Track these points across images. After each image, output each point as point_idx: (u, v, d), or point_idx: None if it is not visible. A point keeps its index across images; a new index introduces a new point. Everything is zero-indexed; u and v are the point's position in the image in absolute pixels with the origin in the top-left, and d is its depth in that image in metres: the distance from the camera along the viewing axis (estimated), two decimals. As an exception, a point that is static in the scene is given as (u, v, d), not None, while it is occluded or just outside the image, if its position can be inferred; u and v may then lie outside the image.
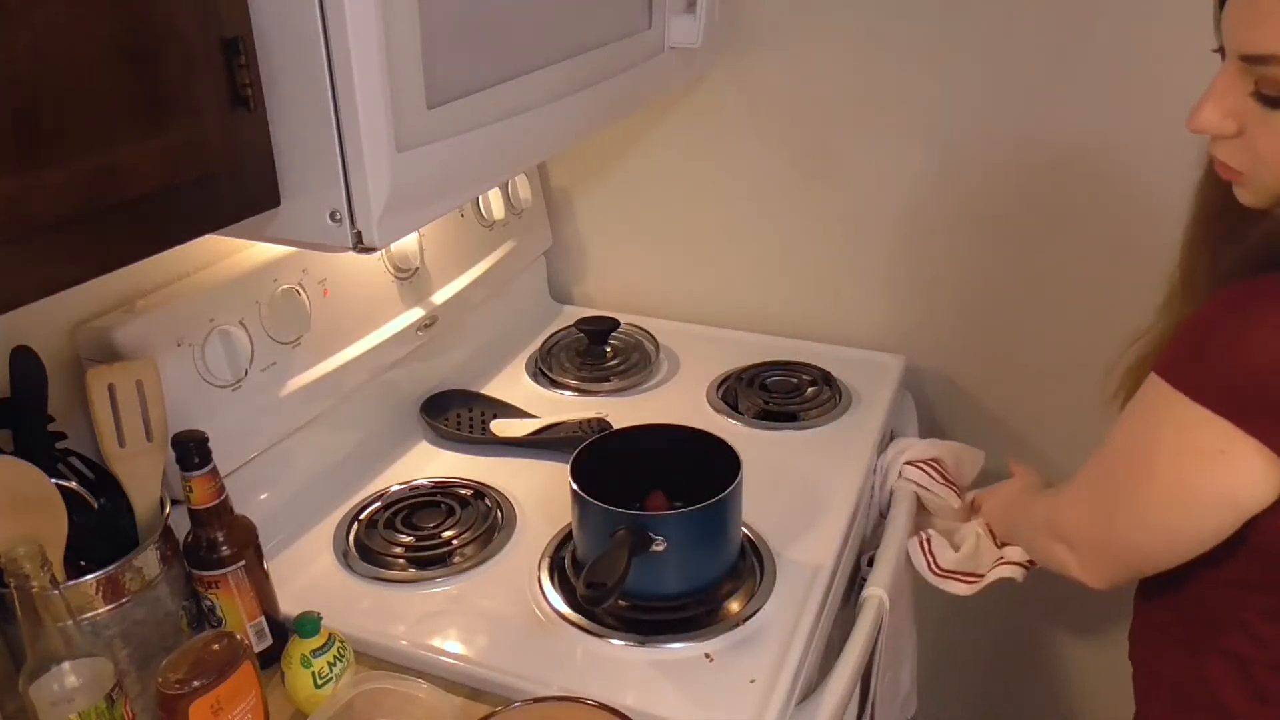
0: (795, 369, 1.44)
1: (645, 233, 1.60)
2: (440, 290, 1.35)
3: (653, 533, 0.95)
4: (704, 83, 1.44)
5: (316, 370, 1.14)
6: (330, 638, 0.89)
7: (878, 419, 1.33)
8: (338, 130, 0.71)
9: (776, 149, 1.46)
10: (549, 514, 1.15)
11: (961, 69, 1.30)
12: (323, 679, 0.87)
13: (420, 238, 1.30)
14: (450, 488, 1.19)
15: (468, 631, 0.98)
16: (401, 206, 0.77)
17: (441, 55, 0.77)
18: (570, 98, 0.97)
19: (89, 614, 0.81)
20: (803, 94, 1.40)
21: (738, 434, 1.26)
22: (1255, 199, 0.76)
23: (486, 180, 1.05)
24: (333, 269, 1.16)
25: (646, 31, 1.13)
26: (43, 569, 0.72)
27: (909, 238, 1.43)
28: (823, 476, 1.21)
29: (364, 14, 0.68)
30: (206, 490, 0.88)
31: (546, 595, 1.02)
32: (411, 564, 1.07)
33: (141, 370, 0.88)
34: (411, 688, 0.85)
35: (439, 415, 1.32)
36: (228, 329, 1.03)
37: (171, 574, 0.87)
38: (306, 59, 0.68)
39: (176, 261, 1.04)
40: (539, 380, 1.46)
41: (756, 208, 1.50)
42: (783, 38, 1.38)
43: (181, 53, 0.63)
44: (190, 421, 0.92)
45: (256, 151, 0.71)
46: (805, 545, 1.08)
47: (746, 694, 0.90)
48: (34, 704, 0.74)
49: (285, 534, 1.11)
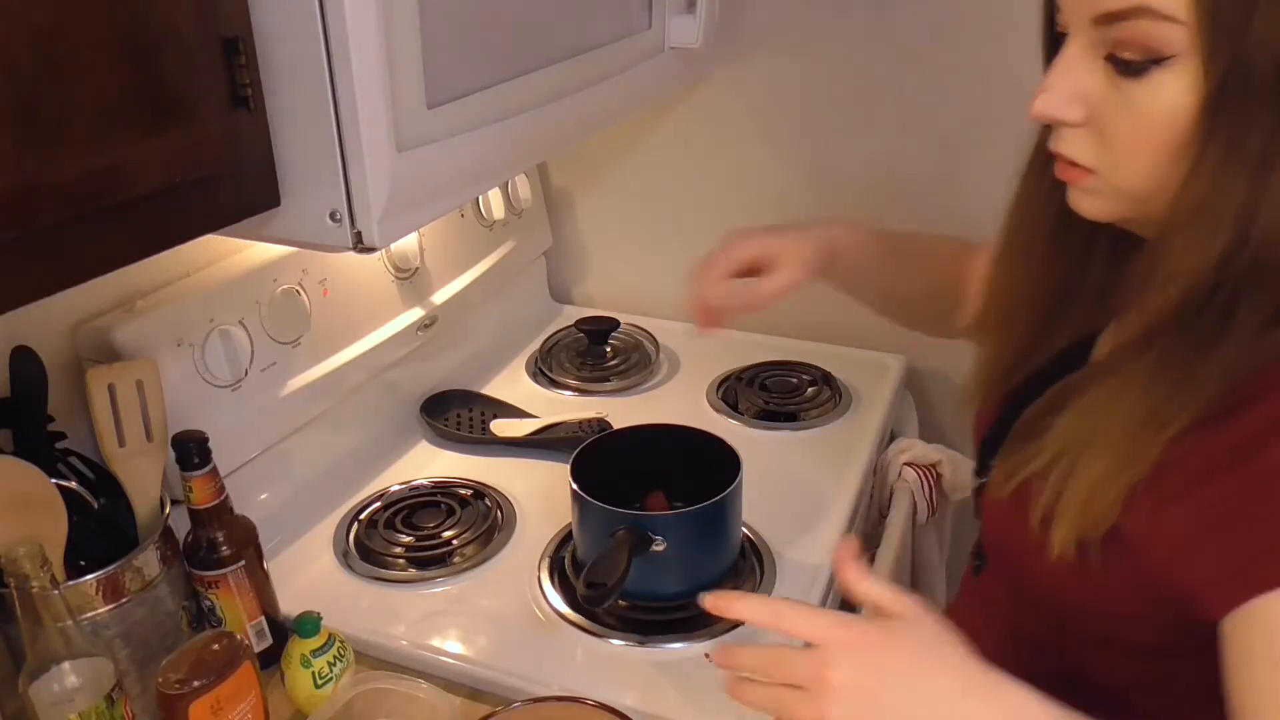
0: (795, 369, 1.44)
1: (645, 233, 1.60)
2: (440, 290, 1.35)
3: (653, 533, 0.95)
4: (704, 83, 1.44)
5: (316, 370, 1.14)
6: (330, 638, 0.89)
7: (878, 419, 1.33)
8: (338, 130, 0.71)
9: (776, 149, 1.45)
10: (549, 514, 1.15)
11: (962, 68, 1.30)
12: (323, 679, 0.87)
13: (420, 238, 1.30)
14: (450, 488, 1.19)
15: (468, 631, 0.98)
16: (401, 206, 0.77)
17: (441, 55, 0.77)
18: (570, 98, 0.97)
19: (89, 614, 0.81)
20: (803, 94, 1.40)
21: (738, 434, 1.26)
22: (1099, 206, 0.64)
23: (486, 180, 1.05)
24: (333, 269, 1.16)
25: (646, 32, 1.13)
26: (43, 569, 0.72)
27: (909, 238, 1.43)
28: (823, 476, 1.21)
29: (364, 14, 0.68)
30: (206, 490, 0.88)
31: (546, 595, 1.02)
32: (411, 564, 1.07)
33: (141, 370, 0.88)
34: (411, 688, 0.85)
35: (439, 415, 1.32)
36: (228, 329, 1.03)
37: (171, 574, 0.87)
38: (306, 59, 0.68)
39: (176, 261, 1.04)
40: (539, 380, 1.46)
41: (756, 208, 1.50)
42: (783, 37, 1.38)
43: (181, 53, 0.63)
44: (190, 421, 0.92)
45: (256, 151, 0.71)
46: (805, 545, 1.08)
47: (746, 694, 0.90)
48: (34, 704, 0.74)
49: (285, 534, 1.11)
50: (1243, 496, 0.56)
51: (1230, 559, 0.56)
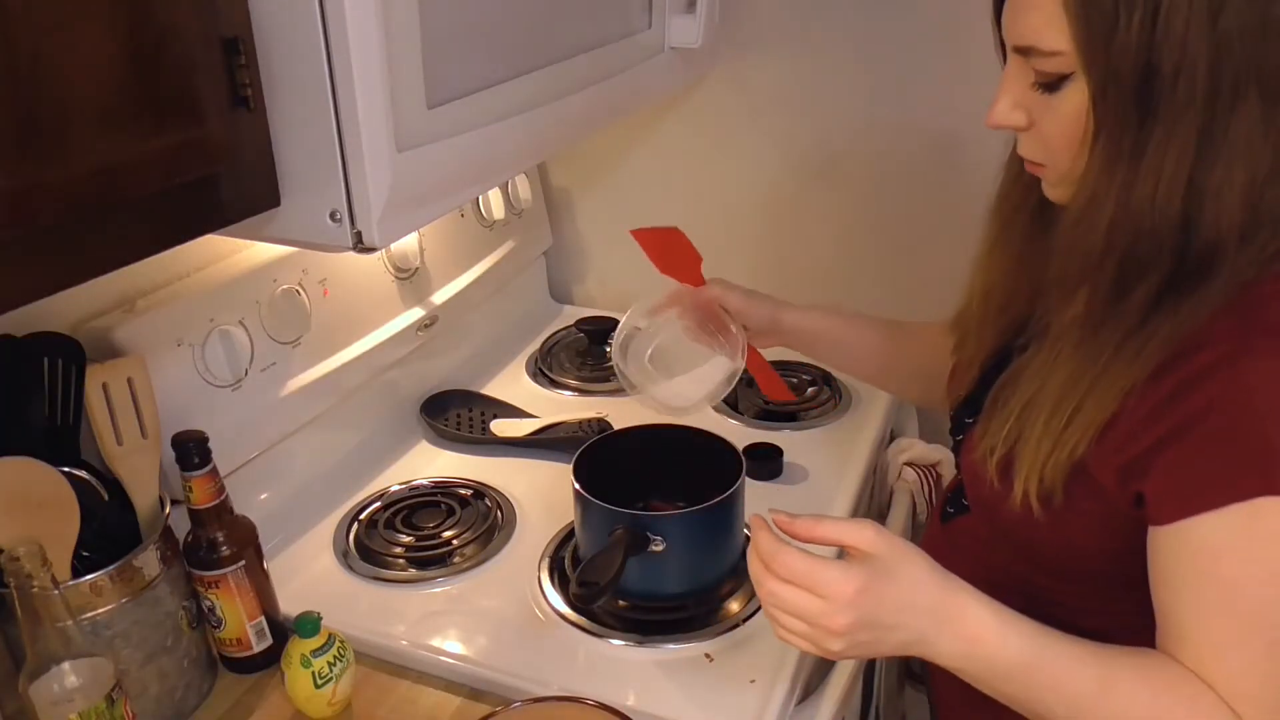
0: (795, 369, 1.43)
1: (645, 233, 1.60)
2: (440, 290, 1.35)
3: (653, 533, 0.95)
4: (704, 83, 1.44)
5: (316, 370, 1.14)
6: (330, 638, 0.89)
7: (878, 419, 1.33)
8: (338, 130, 0.71)
9: (776, 149, 1.45)
10: (549, 514, 1.15)
11: (962, 68, 1.30)
12: (323, 679, 0.87)
13: (420, 238, 1.30)
14: (450, 488, 1.19)
15: (468, 631, 0.98)
16: (401, 206, 0.77)
17: (441, 55, 0.77)
18: (570, 98, 0.97)
19: (89, 614, 0.81)
20: (802, 94, 1.40)
21: (738, 434, 1.26)
22: (1061, 194, 0.75)
23: (486, 180, 1.05)
24: (333, 269, 1.16)
25: (646, 31, 1.13)
26: (43, 569, 0.72)
27: (910, 237, 1.43)
28: (823, 476, 1.21)
29: (364, 14, 0.68)
30: (206, 490, 0.88)
31: (546, 595, 1.02)
32: (411, 564, 1.07)
33: (131, 368, 0.88)
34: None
35: (439, 415, 1.32)
36: (228, 329, 1.03)
37: (171, 574, 0.87)
38: (306, 59, 0.68)
39: (176, 261, 1.04)
40: (539, 380, 1.46)
41: (756, 207, 1.50)
42: (783, 37, 1.38)
43: (181, 53, 0.63)
44: (190, 421, 0.92)
45: (256, 151, 0.71)
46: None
47: (746, 694, 0.90)
48: (34, 704, 0.74)
49: (285, 534, 1.10)
50: (1183, 429, 0.66)
51: (1169, 481, 0.67)
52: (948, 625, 0.71)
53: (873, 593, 0.70)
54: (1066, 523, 0.74)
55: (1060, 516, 0.74)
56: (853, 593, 0.69)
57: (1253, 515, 0.64)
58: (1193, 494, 0.66)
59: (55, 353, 0.84)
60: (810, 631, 0.71)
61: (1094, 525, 0.74)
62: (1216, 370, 0.65)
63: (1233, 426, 0.65)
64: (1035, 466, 0.73)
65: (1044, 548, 0.79)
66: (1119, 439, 0.69)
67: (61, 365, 0.84)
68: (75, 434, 0.86)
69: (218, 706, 0.92)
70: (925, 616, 0.71)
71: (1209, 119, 0.63)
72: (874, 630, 0.71)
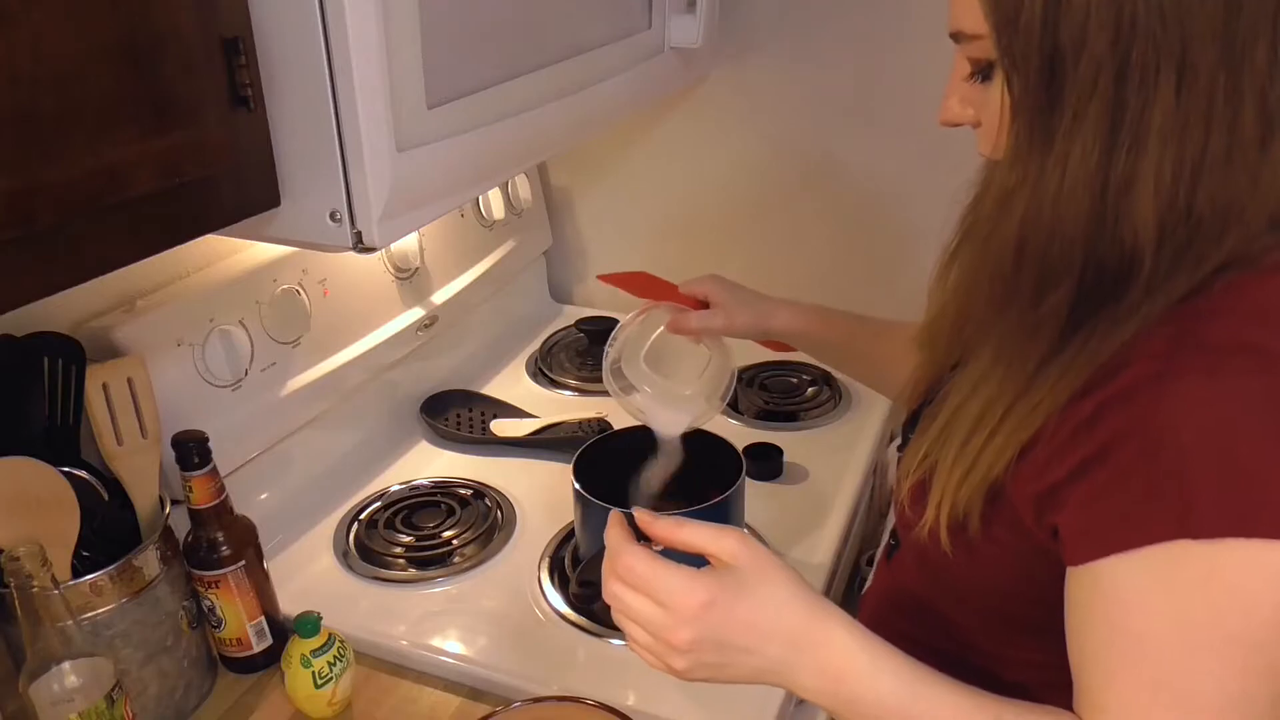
0: (795, 369, 1.43)
1: (646, 233, 1.60)
2: (440, 290, 1.35)
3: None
4: (704, 83, 1.44)
5: (316, 370, 1.14)
6: (330, 638, 0.89)
7: (878, 419, 1.33)
8: (338, 130, 0.71)
9: (776, 149, 1.45)
10: (549, 514, 1.15)
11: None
12: (323, 679, 0.87)
13: (420, 238, 1.30)
14: (450, 488, 1.19)
15: (468, 631, 0.98)
16: (401, 206, 0.77)
17: (441, 55, 0.77)
18: (570, 97, 0.97)
19: (89, 614, 0.81)
20: (802, 94, 1.40)
21: (738, 434, 1.26)
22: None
23: (486, 180, 1.05)
24: (333, 269, 1.16)
25: (646, 31, 1.13)
26: (43, 569, 0.72)
27: (908, 238, 1.43)
28: (823, 476, 1.21)
29: (364, 14, 0.68)
30: (206, 490, 0.88)
31: (546, 595, 1.02)
32: (411, 564, 1.07)
33: (130, 367, 0.88)
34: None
35: (439, 415, 1.32)
36: (228, 329, 1.03)
37: (171, 574, 0.87)
38: (306, 59, 0.68)
39: (176, 261, 1.04)
40: (539, 380, 1.46)
41: (756, 207, 1.50)
42: (783, 37, 1.38)
43: (181, 53, 0.63)
44: (190, 421, 0.92)
45: (256, 151, 0.71)
46: (805, 545, 1.08)
47: (747, 694, 0.90)
48: (34, 704, 0.74)
49: (285, 534, 1.11)
50: (1099, 457, 0.59)
51: (1083, 515, 0.60)
52: (809, 655, 0.63)
53: (720, 608, 0.63)
54: (984, 557, 0.68)
55: (978, 549, 0.68)
56: (697, 606, 0.63)
57: (1169, 562, 0.56)
58: (1106, 531, 0.58)
59: (55, 353, 0.84)
60: (653, 644, 0.65)
61: (1011, 560, 0.67)
62: (1138, 392, 0.58)
63: (1150, 456, 0.56)
64: (949, 490, 0.66)
65: (960, 584, 0.73)
66: (1038, 464, 0.62)
67: (61, 365, 0.84)
68: (75, 434, 0.86)
69: (218, 706, 0.92)
70: (782, 643, 0.64)
71: (1119, 106, 0.57)
72: (722, 652, 0.64)
